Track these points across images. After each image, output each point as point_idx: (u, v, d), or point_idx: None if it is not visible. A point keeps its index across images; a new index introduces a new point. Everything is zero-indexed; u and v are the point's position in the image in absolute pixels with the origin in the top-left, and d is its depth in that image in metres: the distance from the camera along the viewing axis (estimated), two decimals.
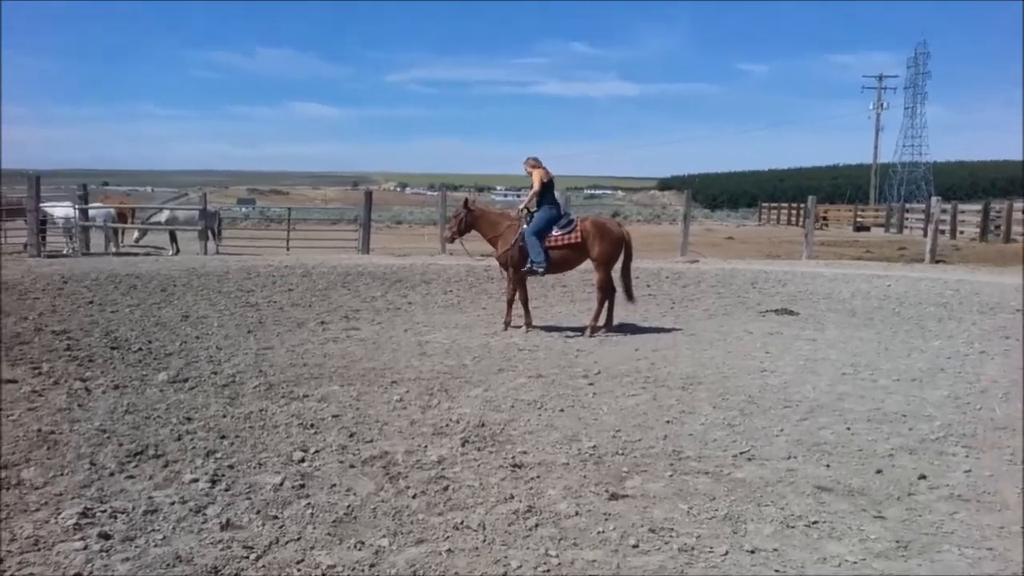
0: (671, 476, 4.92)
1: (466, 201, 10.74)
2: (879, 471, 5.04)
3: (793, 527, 4.19)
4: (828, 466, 5.15)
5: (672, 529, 4.14)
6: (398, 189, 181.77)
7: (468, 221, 10.44)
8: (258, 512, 4.26)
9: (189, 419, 5.89)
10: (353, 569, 3.68)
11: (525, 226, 10.18)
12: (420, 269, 17.19)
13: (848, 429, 5.96)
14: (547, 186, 10.25)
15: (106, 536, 3.90)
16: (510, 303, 10.37)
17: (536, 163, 10.29)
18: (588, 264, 10.49)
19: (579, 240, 10.11)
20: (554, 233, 10.12)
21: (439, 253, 20.97)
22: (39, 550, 3.77)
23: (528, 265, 10.09)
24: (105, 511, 4.18)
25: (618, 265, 10.35)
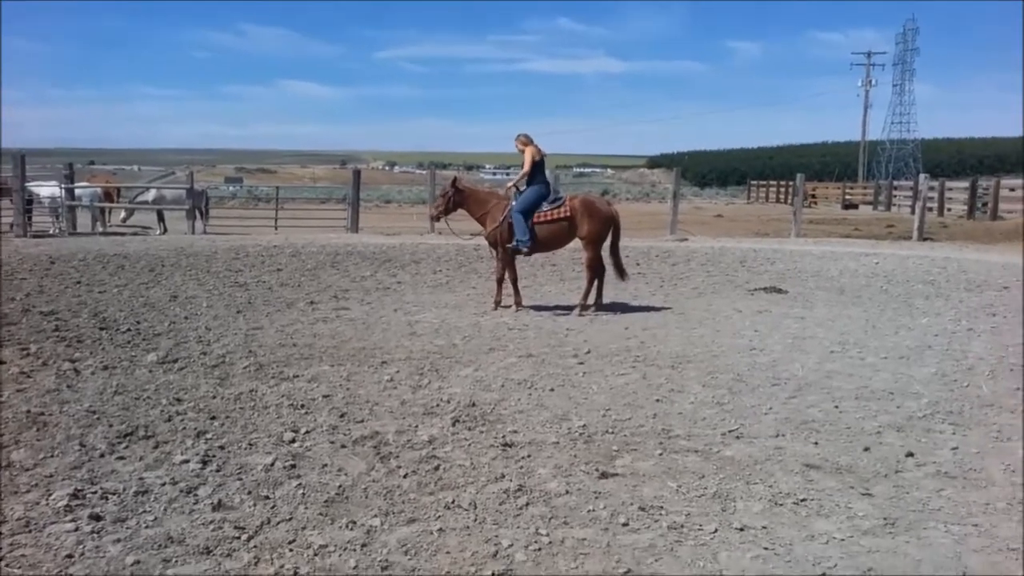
0: (661, 454, 4.95)
1: (454, 180, 10.69)
2: (867, 449, 5.08)
3: (782, 505, 4.23)
4: (816, 444, 5.19)
5: (662, 507, 4.17)
6: (387, 168, 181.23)
7: (456, 200, 10.40)
8: (249, 492, 4.26)
9: (179, 400, 5.88)
10: (345, 548, 3.70)
11: (513, 203, 10.14)
12: (409, 248, 17.16)
13: (836, 407, 6.00)
14: (538, 165, 10.21)
15: (97, 517, 3.90)
16: (499, 282, 10.36)
17: (527, 140, 10.22)
18: (577, 243, 10.48)
19: (567, 215, 10.07)
20: (543, 208, 10.09)
21: (428, 232, 20.91)
22: (30, 532, 3.77)
23: (513, 243, 10.05)
24: (96, 492, 4.18)
25: (607, 244, 10.35)
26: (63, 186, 20.76)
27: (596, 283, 10.24)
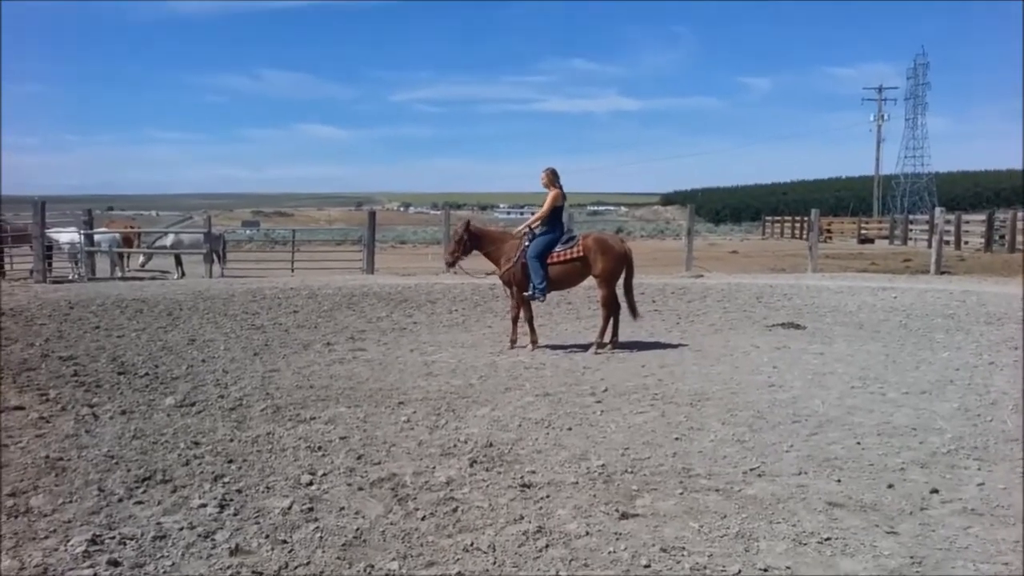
0: (681, 494, 4.90)
1: (467, 223, 10.71)
2: (891, 486, 5.01)
3: (806, 544, 4.16)
4: (839, 481, 5.12)
5: (684, 548, 4.11)
6: (401, 209, 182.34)
7: (470, 243, 10.41)
8: (267, 537, 4.24)
9: (197, 443, 5.88)
10: None
11: (527, 243, 10.16)
12: (425, 288, 17.20)
13: (858, 443, 5.93)
14: (557, 209, 10.23)
15: (115, 563, 3.88)
16: (515, 321, 10.36)
17: (553, 179, 10.19)
18: (592, 281, 10.48)
19: (580, 254, 10.08)
20: (555, 249, 10.11)
21: (443, 272, 20.95)
22: None
23: (529, 291, 10.07)
24: (114, 538, 4.17)
25: (621, 281, 10.33)
26: (82, 232, 21.00)
27: (612, 321, 10.21)
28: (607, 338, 10.13)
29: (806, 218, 31.96)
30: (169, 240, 22.04)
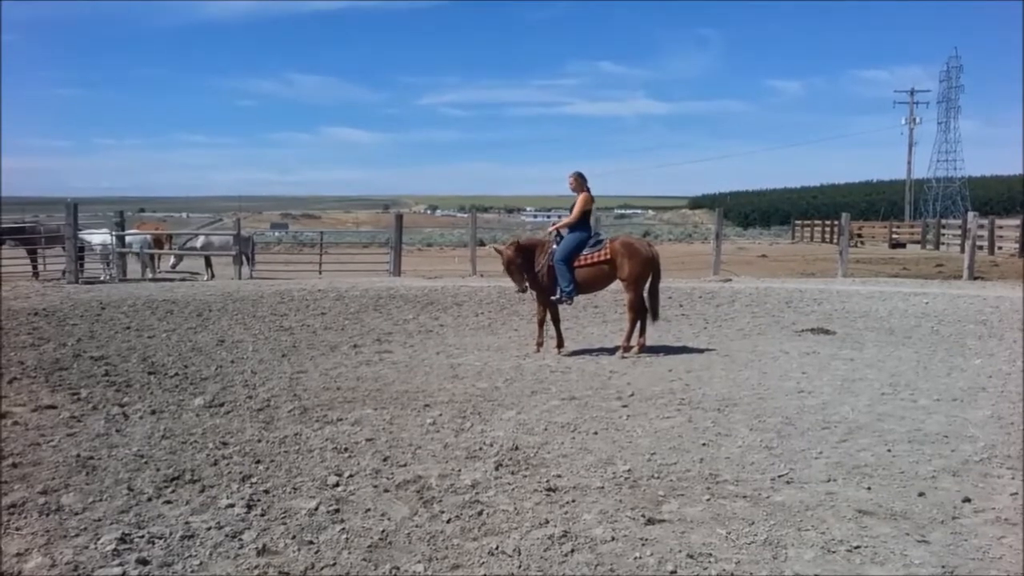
0: (708, 500, 4.86)
1: (516, 243, 10.40)
2: (922, 494, 4.94)
3: (834, 552, 4.11)
4: (869, 489, 5.05)
5: (711, 555, 4.08)
6: (428, 211, 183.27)
7: (525, 262, 10.17)
8: (293, 537, 4.26)
9: (225, 444, 5.92)
10: None
11: (555, 246, 10.14)
12: (451, 291, 17.23)
13: (889, 451, 5.85)
14: (585, 212, 10.22)
15: (144, 562, 3.92)
16: (541, 324, 10.34)
17: (582, 182, 10.21)
18: (619, 284, 10.44)
19: (607, 258, 10.05)
20: (583, 253, 10.09)
21: (470, 275, 21.01)
22: None
23: (557, 295, 10.04)
24: (143, 537, 4.21)
25: (647, 285, 10.28)
26: (114, 233, 21.28)
27: (639, 325, 10.16)
28: (634, 342, 10.08)
29: (836, 222, 31.67)
30: (199, 242, 22.27)
